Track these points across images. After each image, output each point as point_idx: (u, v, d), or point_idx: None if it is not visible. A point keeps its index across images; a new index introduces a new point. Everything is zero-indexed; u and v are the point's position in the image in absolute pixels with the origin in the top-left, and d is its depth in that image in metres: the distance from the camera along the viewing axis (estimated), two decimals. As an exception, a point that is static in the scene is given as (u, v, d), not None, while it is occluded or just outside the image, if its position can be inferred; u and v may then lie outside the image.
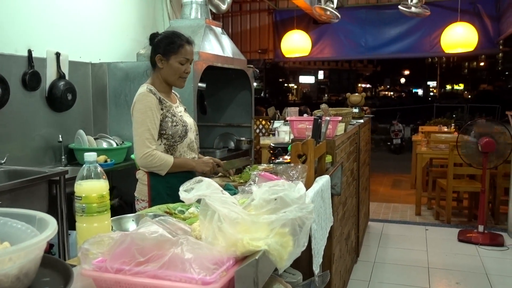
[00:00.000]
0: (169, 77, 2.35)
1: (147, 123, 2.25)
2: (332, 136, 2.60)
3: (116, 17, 4.23)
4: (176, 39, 2.34)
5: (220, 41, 4.26)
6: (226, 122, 4.93)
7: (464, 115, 14.03)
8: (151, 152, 2.23)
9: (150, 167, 2.28)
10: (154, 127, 2.26)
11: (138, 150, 2.26)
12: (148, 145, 2.23)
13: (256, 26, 8.34)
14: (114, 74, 3.93)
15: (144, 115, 2.25)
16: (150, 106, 2.26)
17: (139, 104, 2.27)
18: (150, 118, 2.25)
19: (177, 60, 2.32)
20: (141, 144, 2.24)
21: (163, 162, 2.25)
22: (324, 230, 1.95)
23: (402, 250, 4.39)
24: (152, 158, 2.23)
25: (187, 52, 2.35)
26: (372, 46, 7.76)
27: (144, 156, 2.23)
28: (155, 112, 2.27)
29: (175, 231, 1.24)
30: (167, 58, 2.32)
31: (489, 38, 7.22)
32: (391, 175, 8.47)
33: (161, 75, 2.36)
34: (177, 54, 2.31)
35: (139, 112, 2.27)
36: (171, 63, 2.32)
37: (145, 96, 2.28)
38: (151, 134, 2.24)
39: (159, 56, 2.33)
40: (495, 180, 5.31)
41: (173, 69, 2.33)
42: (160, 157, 2.25)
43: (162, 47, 2.33)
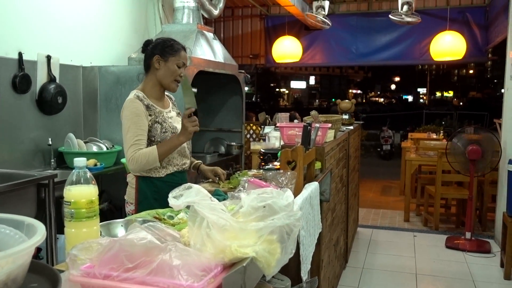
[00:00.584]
0: (165, 79, 2.36)
1: (133, 129, 2.25)
2: (321, 142, 2.62)
3: (108, 20, 4.23)
4: (174, 43, 2.39)
5: (211, 46, 4.28)
6: (217, 127, 4.94)
7: (453, 122, 14.18)
8: (133, 155, 2.23)
9: (142, 168, 2.27)
10: (140, 133, 2.27)
11: (126, 156, 2.27)
12: (134, 150, 2.24)
13: (248, 31, 8.37)
14: (105, 78, 3.93)
15: (130, 121, 2.26)
16: (136, 113, 2.27)
17: (126, 110, 2.29)
18: (136, 124, 2.26)
19: (175, 62, 2.35)
20: (128, 149, 2.25)
21: (147, 156, 2.23)
22: (313, 236, 1.97)
23: (390, 256, 4.42)
24: (136, 160, 2.23)
25: (184, 56, 2.40)
26: (363, 53, 7.83)
27: (131, 161, 2.24)
28: (141, 118, 2.27)
29: (164, 237, 1.25)
30: (165, 59, 2.34)
31: (478, 46, 7.32)
32: (381, 181, 8.52)
33: (157, 77, 2.37)
34: (175, 56, 2.35)
35: (125, 118, 2.28)
36: (169, 65, 2.34)
37: (131, 102, 2.29)
38: (138, 139, 2.25)
39: (157, 57, 2.34)
40: (483, 187, 5.36)
41: (170, 70, 2.34)
42: (143, 154, 2.23)
43: (160, 49, 2.35)
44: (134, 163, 2.24)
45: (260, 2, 7.81)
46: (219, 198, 2.03)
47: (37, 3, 3.46)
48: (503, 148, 4.59)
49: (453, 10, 7.14)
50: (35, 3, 3.45)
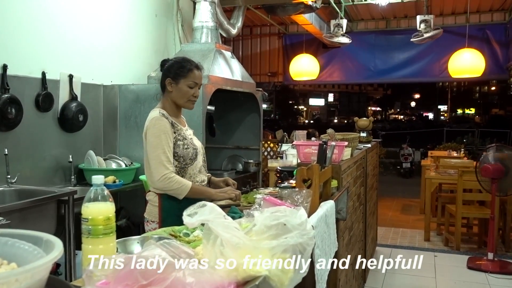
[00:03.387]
0: (178, 100, 2.41)
1: (162, 146, 2.29)
2: (338, 161, 2.61)
3: (128, 40, 4.33)
4: (185, 64, 2.42)
5: (229, 65, 4.33)
6: (234, 144, 4.97)
7: (475, 139, 13.94)
8: (168, 174, 2.26)
9: (168, 190, 2.31)
10: (169, 150, 2.31)
11: (156, 172, 2.28)
12: (167, 167, 2.27)
13: (266, 49, 8.46)
14: (125, 96, 4.00)
15: (159, 138, 2.30)
16: (164, 130, 2.31)
17: (153, 128, 2.32)
18: (164, 141, 2.30)
19: (186, 83, 2.38)
20: (158, 167, 2.27)
21: (181, 185, 2.28)
22: (328, 255, 1.95)
23: (410, 277, 4.34)
24: (170, 180, 2.26)
25: (196, 76, 2.41)
26: (381, 70, 7.84)
27: (162, 178, 2.26)
28: (169, 136, 2.32)
29: (178, 254, 1.26)
30: (177, 82, 2.38)
31: (498, 63, 7.26)
32: (400, 199, 8.41)
33: (171, 98, 2.42)
34: (186, 78, 2.38)
35: (153, 136, 2.31)
36: (180, 87, 2.38)
37: (158, 120, 2.33)
38: (167, 156, 2.29)
39: (169, 79, 2.39)
40: (506, 207, 5.25)
41: (182, 92, 2.39)
42: (178, 180, 2.29)
43: (172, 71, 2.40)
44: (166, 182, 2.26)
45: (278, 21, 7.90)
46: (235, 216, 2.04)
47: (60, 24, 3.57)
48: (526, 166, 4.50)
49: (473, 27, 7.12)
50: (58, 24, 3.55)
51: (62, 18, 3.58)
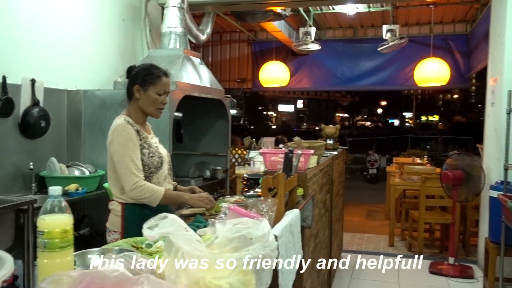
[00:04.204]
0: (147, 107, 2.37)
1: (130, 154, 2.25)
2: (304, 169, 2.63)
3: (94, 45, 4.25)
4: (154, 71, 2.38)
5: (198, 71, 4.31)
6: (202, 151, 4.94)
7: (438, 146, 14.33)
8: (139, 182, 2.23)
9: (141, 198, 2.26)
10: (137, 157, 2.27)
11: (126, 182, 2.23)
12: (137, 175, 2.23)
13: (236, 56, 8.48)
14: (90, 102, 3.92)
15: (126, 147, 2.25)
16: (130, 138, 2.27)
17: (119, 136, 2.27)
18: (132, 149, 2.26)
19: (155, 90, 2.34)
20: (129, 176, 2.23)
21: (153, 193, 2.25)
22: (293, 264, 1.96)
23: (374, 282, 4.40)
24: (142, 188, 2.22)
25: (165, 83, 2.38)
26: (348, 78, 7.97)
27: (134, 187, 2.22)
28: (135, 143, 2.28)
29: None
30: (145, 89, 2.34)
31: (460, 73, 7.50)
32: (366, 205, 8.54)
33: (138, 106, 2.38)
34: (155, 85, 2.34)
35: (119, 144, 2.26)
36: (149, 94, 2.34)
37: (124, 127, 2.28)
38: (136, 164, 2.25)
39: (137, 86, 2.35)
40: (466, 212, 5.40)
41: (150, 99, 2.35)
42: (150, 187, 2.25)
43: (140, 78, 2.36)
44: (138, 191, 2.23)
45: (248, 28, 7.93)
46: (200, 225, 2.03)
47: (22, 27, 3.47)
48: (486, 173, 4.65)
49: (436, 37, 7.33)
50: (20, 27, 3.46)
51: (25, 20, 3.49)
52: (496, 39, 4.70)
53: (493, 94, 4.74)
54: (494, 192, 3.95)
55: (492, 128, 4.73)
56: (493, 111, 4.72)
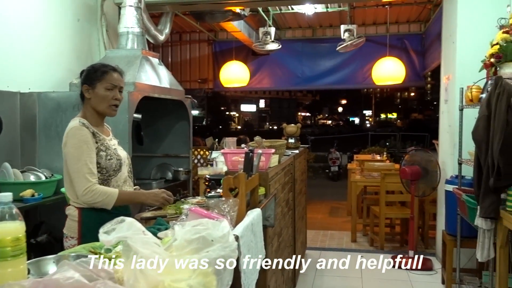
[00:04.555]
0: (98, 106, 2.29)
1: (83, 158, 2.18)
2: (265, 168, 2.64)
3: (48, 46, 4.12)
4: (100, 67, 2.33)
5: (157, 72, 4.24)
6: (163, 153, 4.87)
7: (397, 143, 14.73)
8: (91, 186, 2.16)
9: (93, 203, 2.20)
10: (91, 161, 2.20)
11: (78, 187, 2.17)
12: (89, 180, 2.17)
13: (196, 56, 8.42)
14: (45, 104, 3.79)
15: (80, 150, 2.18)
16: (84, 140, 2.20)
17: (73, 139, 2.20)
18: (86, 152, 2.19)
19: (102, 86, 2.27)
20: (81, 180, 2.16)
21: (106, 196, 2.20)
22: (255, 264, 1.96)
23: (338, 278, 4.47)
24: (94, 193, 2.16)
25: (113, 78, 2.30)
26: (308, 77, 8.06)
27: (85, 192, 2.16)
28: (90, 146, 2.21)
29: (97, 273, 1.20)
30: (93, 87, 2.28)
31: (416, 71, 7.73)
32: (329, 202, 8.67)
33: (91, 106, 2.31)
34: (102, 81, 2.28)
35: (73, 147, 2.19)
36: (97, 91, 2.27)
37: (78, 130, 2.22)
38: (89, 168, 2.18)
39: (85, 86, 2.30)
40: (424, 206, 5.57)
41: (100, 96, 2.28)
42: (102, 191, 2.19)
43: (88, 77, 2.30)
44: (90, 195, 2.17)
45: (208, 28, 7.89)
46: (161, 228, 1.99)
47: (-30, 27, 3.32)
48: (442, 168, 4.81)
49: (393, 37, 7.52)
50: (-32, 27, 3.31)
51: (-28, 21, 3.34)
52: (448, 38, 4.87)
53: (447, 92, 4.91)
54: (449, 186, 4.09)
55: (446, 124, 4.89)
56: (447, 108, 4.88)
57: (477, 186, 3.07)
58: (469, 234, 3.74)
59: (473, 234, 3.50)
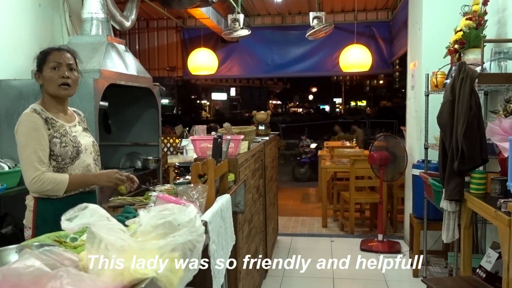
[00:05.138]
0: (50, 88, 2.20)
1: (32, 145, 2.10)
2: (234, 154, 2.63)
3: (8, 32, 3.96)
4: (44, 50, 2.26)
5: (123, 59, 4.15)
6: (132, 141, 4.79)
7: (366, 130, 14.95)
8: (40, 175, 2.08)
9: (43, 191, 2.13)
10: (41, 148, 2.11)
11: (27, 175, 2.10)
12: (38, 168, 2.09)
13: (164, 43, 8.28)
14: (6, 92, 3.66)
15: (29, 137, 2.11)
16: (34, 127, 2.12)
17: (22, 126, 2.13)
18: (35, 139, 2.11)
19: (48, 67, 2.19)
20: (29, 169, 2.09)
21: (56, 183, 2.12)
22: (225, 249, 1.96)
23: (309, 262, 4.52)
24: (42, 182, 2.08)
25: (56, 56, 2.21)
26: (278, 64, 8.05)
27: (34, 181, 2.08)
28: (40, 132, 2.13)
29: (61, 262, 1.18)
30: (41, 71, 2.22)
31: (384, 58, 7.82)
32: (300, 189, 8.75)
33: (45, 92, 2.24)
34: (46, 62, 2.20)
35: (22, 134, 2.12)
36: (44, 75, 2.20)
37: (28, 116, 2.15)
38: (39, 156, 2.10)
39: (36, 73, 2.25)
40: (392, 191, 5.69)
41: (47, 78, 2.20)
42: (51, 178, 2.11)
43: (36, 64, 2.24)
44: (39, 184, 2.09)
45: (176, 15, 7.76)
46: (129, 215, 1.96)
47: None
48: (409, 153, 4.91)
49: (360, 24, 7.57)
50: None
51: None
52: (414, 25, 4.94)
53: (413, 78, 4.99)
54: (416, 171, 4.18)
55: (413, 110, 4.99)
56: (414, 94, 4.97)
57: (442, 170, 3.15)
58: (435, 217, 3.85)
59: (439, 217, 3.60)
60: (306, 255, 4.73)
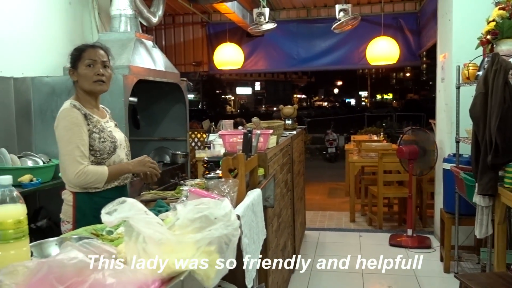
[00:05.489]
0: (85, 85, 2.25)
1: (75, 140, 2.15)
2: (263, 149, 2.63)
3: (40, 30, 4.06)
4: (78, 47, 2.30)
5: (151, 55, 4.20)
6: (160, 136, 4.85)
7: (393, 123, 14.75)
8: (83, 169, 2.14)
9: (86, 184, 2.19)
10: (83, 143, 2.17)
11: (70, 170, 2.14)
12: (81, 162, 2.14)
13: (190, 38, 8.32)
14: (39, 89, 3.75)
15: (70, 132, 2.16)
16: (75, 122, 2.17)
17: (63, 121, 2.17)
18: (77, 134, 2.16)
19: (83, 64, 2.23)
20: (72, 163, 2.13)
21: (98, 175, 2.18)
22: (257, 244, 1.97)
23: (337, 257, 4.50)
24: (86, 175, 2.14)
25: (91, 53, 2.26)
26: (304, 58, 7.99)
27: (78, 175, 2.13)
28: (81, 128, 2.18)
29: (100, 254, 1.20)
30: (76, 68, 2.25)
31: (411, 51, 7.67)
32: (327, 183, 8.70)
33: (80, 88, 2.28)
34: (81, 59, 2.24)
35: (64, 129, 2.17)
36: (80, 71, 2.24)
37: (69, 111, 2.19)
38: (81, 151, 2.15)
39: (70, 70, 2.28)
40: (422, 185, 5.60)
41: (83, 75, 2.24)
42: (94, 171, 2.17)
43: (71, 60, 2.28)
44: (83, 177, 2.14)
45: (201, 9, 7.79)
46: (161, 209, 1.99)
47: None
48: (439, 147, 4.82)
49: (387, 16, 7.45)
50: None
51: (-38, 5, 3.28)
52: (444, 16, 4.83)
53: (443, 70, 4.89)
54: (447, 165, 4.11)
55: (443, 103, 4.89)
56: (443, 86, 4.87)
57: (475, 164, 3.08)
58: (467, 212, 3.77)
59: (471, 212, 3.53)
60: (334, 250, 4.72)
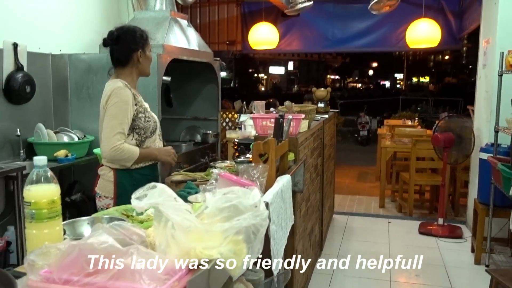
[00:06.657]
0: (146, 69, 2.45)
1: (120, 117, 2.26)
2: (295, 133, 2.61)
3: (78, 7, 4.11)
4: (142, 32, 2.41)
5: (185, 34, 4.20)
6: (192, 115, 4.89)
7: (429, 108, 14.37)
8: (119, 145, 2.25)
9: (117, 160, 2.30)
10: (127, 122, 2.28)
11: (107, 142, 2.25)
12: (119, 138, 2.25)
13: (224, 17, 8.26)
14: (75, 66, 3.83)
15: (118, 108, 2.26)
16: (126, 101, 2.27)
17: (115, 97, 2.27)
18: (124, 112, 2.27)
19: (148, 49, 2.43)
20: (112, 137, 2.24)
21: (130, 154, 2.30)
22: (284, 230, 1.96)
23: (365, 243, 4.48)
24: (121, 151, 2.25)
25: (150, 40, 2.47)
26: (339, 39, 7.83)
27: (114, 149, 2.24)
28: (129, 107, 2.29)
29: (129, 236, 1.22)
30: (144, 51, 2.40)
31: (452, 34, 7.39)
32: (357, 167, 8.61)
33: (138, 69, 2.41)
34: (148, 45, 2.43)
35: (114, 105, 2.26)
36: (148, 55, 2.43)
37: (122, 90, 2.28)
38: (123, 128, 2.26)
39: (139, 51, 2.38)
40: (455, 174, 5.46)
41: (149, 60, 2.45)
42: (128, 149, 2.29)
43: (139, 42, 2.37)
44: (118, 152, 2.25)
45: (237, -12, 7.71)
46: (191, 191, 2.01)
47: (2, -12, 3.33)
48: (476, 135, 4.67)
49: (428, -3, 7.18)
50: (0, -12, 3.32)
51: (3, -19, 3.34)
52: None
53: (485, 56, 4.70)
54: (484, 154, 3.98)
55: (483, 90, 4.71)
56: (485, 73, 4.68)
57: (514, 155, 2.97)
58: (502, 204, 3.67)
59: (506, 204, 3.42)
60: (362, 236, 4.68)
